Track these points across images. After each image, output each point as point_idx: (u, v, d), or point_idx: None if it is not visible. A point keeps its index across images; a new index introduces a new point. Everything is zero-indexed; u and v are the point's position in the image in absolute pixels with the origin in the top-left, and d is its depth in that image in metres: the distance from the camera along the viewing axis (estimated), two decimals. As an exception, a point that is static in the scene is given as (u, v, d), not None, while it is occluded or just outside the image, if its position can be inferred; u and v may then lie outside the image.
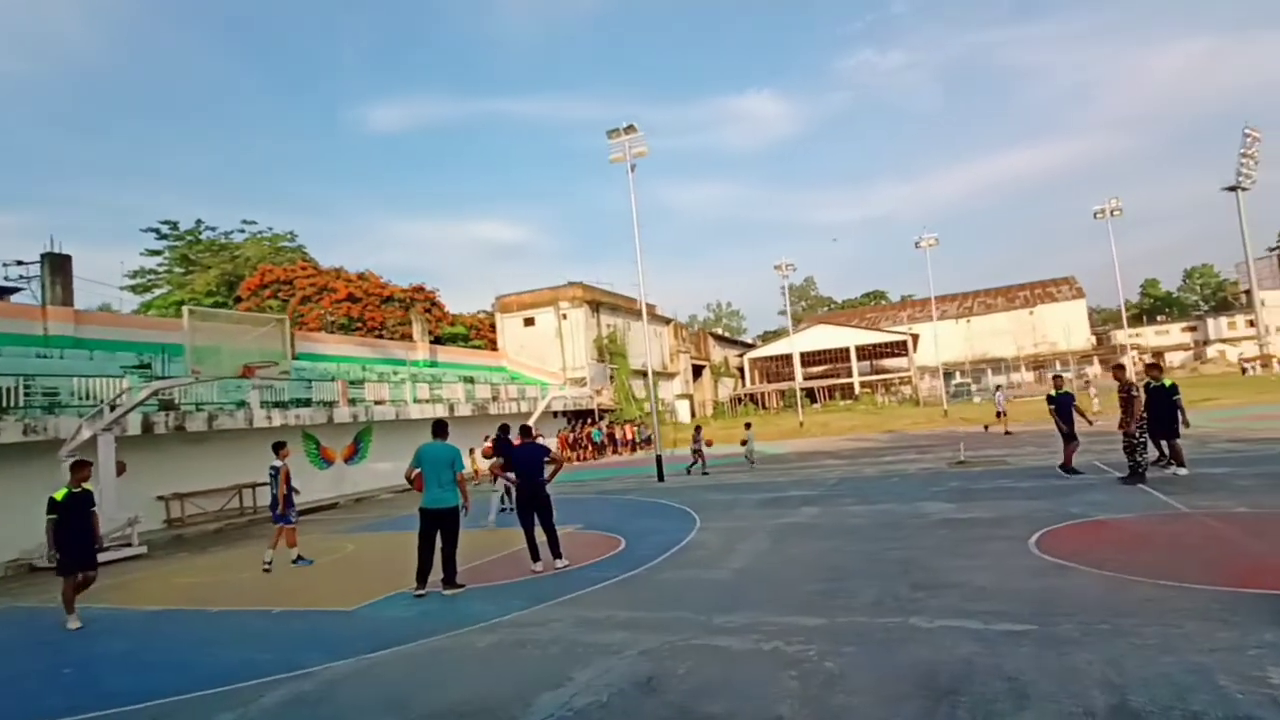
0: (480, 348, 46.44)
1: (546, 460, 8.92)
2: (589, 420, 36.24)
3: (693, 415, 50.97)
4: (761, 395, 63.50)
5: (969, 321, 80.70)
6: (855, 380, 63.78)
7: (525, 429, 9.35)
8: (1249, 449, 13.88)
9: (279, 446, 11.21)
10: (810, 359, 64.80)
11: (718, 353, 65.92)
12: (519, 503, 8.85)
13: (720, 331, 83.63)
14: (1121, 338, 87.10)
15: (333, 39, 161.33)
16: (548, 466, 8.94)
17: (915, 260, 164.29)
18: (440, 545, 8.10)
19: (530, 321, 41.15)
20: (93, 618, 8.71)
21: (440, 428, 8.66)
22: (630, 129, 19.38)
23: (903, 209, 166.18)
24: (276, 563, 10.76)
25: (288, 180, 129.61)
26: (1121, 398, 11.66)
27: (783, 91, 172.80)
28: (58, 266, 19.51)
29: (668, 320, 50.93)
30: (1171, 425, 11.66)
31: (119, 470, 13.79)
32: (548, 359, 39.62)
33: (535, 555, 8.82)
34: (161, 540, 15.47)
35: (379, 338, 40.48)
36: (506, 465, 10.84)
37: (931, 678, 4.37)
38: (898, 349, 67.97)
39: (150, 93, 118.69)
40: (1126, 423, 11.42)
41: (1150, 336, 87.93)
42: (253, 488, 18.93)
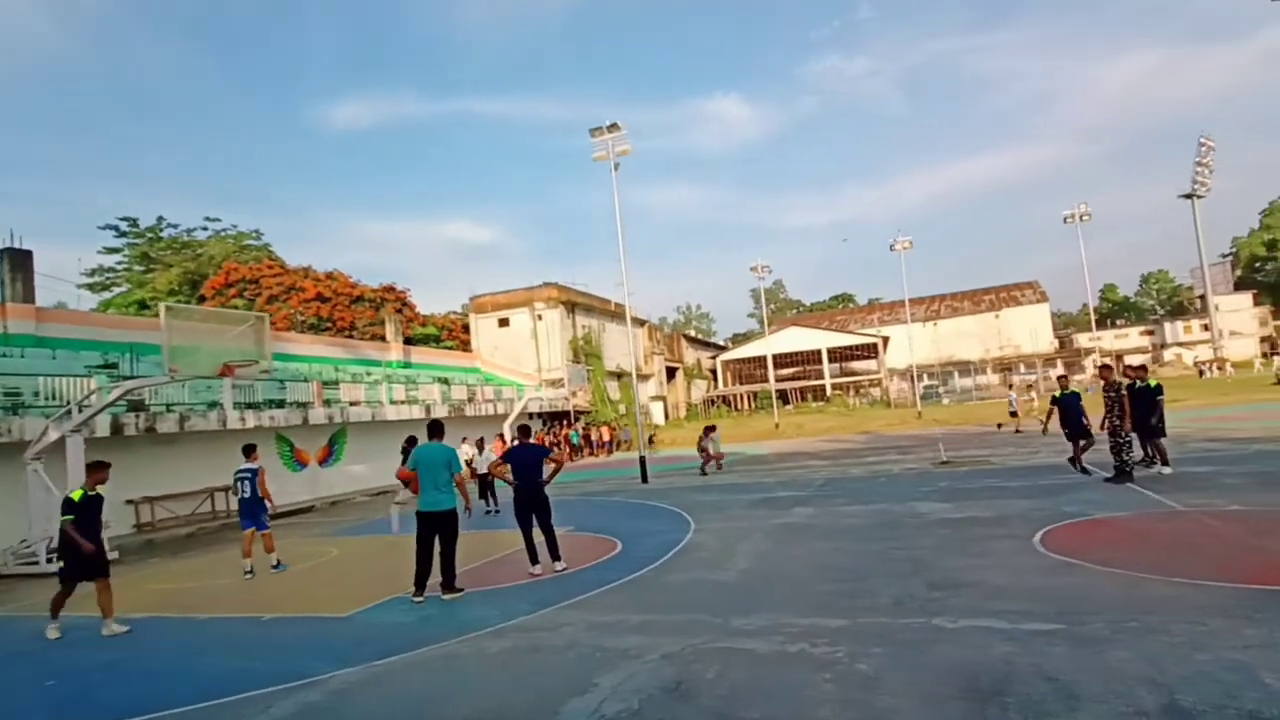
0: (452, 349, 45.83)
1: (546, 460, 8.75)
2: (565, 422, 35.96)
3: (666, 417, 50.89)
4: (734, 397, 63.71)
5: (936, 324, 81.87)
6: (827, 382, 64.31)
7: (524, 429, 9.16)
8: (1227, 448, 14.20)
9: (250, 449, 10.86)
10: (782, 361, 65.17)
11: (690, 354, 65.98)
12: (517, 504, 8.64)
13: (692, 333, 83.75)
14: (1084, 341, 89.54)
15: (297, 36, 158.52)
16: (547, 467, 8.77)
17: (882, 264, 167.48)
18: (439, 549, 7.88)
19: (505, 322, 40.69)
20: (69, 626, 8.27)
21: (436, 428, 8.42)
22: (614, 127, 19.21)
23: (870, 213, 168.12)
24: (258, 568, 10.41)
25: (250, 179, 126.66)
26: (1108, 397, 11.85)
27: (751, 95, 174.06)
28: (18, 262, 18.71)
29: (642, 322, 50.80)
30: (1155, 425, 11.88)
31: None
32: (523, 360, 39.23)
33: (534, 558, 8.63)
34: (132, 545, 14.91)
35: (349, 338, 39.71)
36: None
37: (972, 679, 4.31)
38: (868, 351, 68.76)
39: (107, 87, 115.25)
40: (1113, 422, 11.62)
41: (1110, 340, 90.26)
42: (225, 491, 18.35)
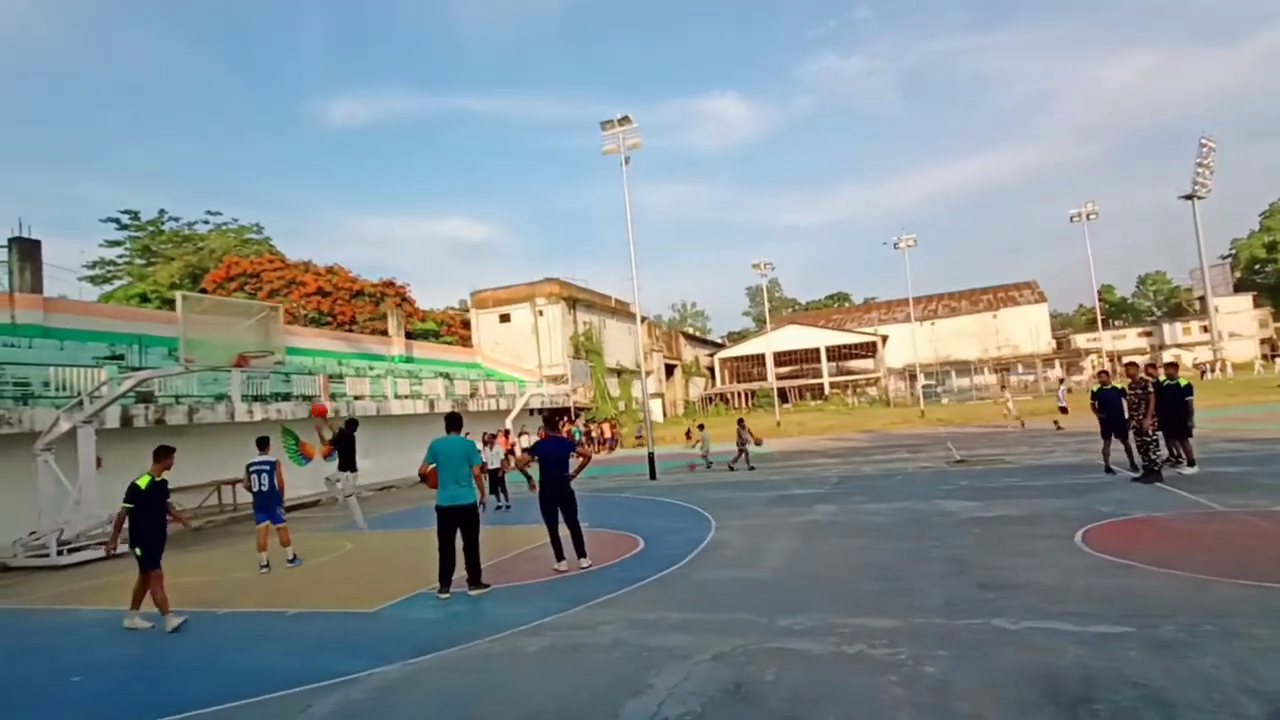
0: (452, 344, 45.60)
1: (572, 454, 8.56)
2: (566, 418, 35.76)
3: (665, 415, 50.72)
4: (731, 395, 63.60)
5: (934, 324, 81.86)
6: (825, 381, 64.24)
7: (550, 421, 8.96)
8: (1252, 449, 14.05)
9: (265, 442, 10.67)
10: (780, 359, 65.09)
11: (688, 352, 65.82)
12: (542, 499, 8.46)
13: (691, 331, 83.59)
14: (1081, 341, 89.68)
15: (293, 31, 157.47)
16: (573, 460, 8.58)
17: (877, 263, 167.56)
18: (462, 544, 7.70)
19: (506, 318, 40.44)
20: (86, 620, 8.11)
21: (454, 421, 8.20)
22: (624, 120, 18.96)
23: (864, 212, 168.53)
24: (273, 562, 10.23)
25: (246, 174, 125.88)
26: (1135, 395, 11.72)
27: (748, 95, 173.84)
28: (26, 252, 18.39)
29: (643, 319, 50.61)
30: (1183, 424, 11.74)
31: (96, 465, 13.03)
32: (523, 356, 39.00)
33: (559, 554, 8.45)
34: (137, 539, 14.66)
35: (349, 332, 39.45)
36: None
37: (1053, 684, 4.14)
38: (865, 350, 68.72)
39: (104, 82, 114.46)
40: (1139, 420, 11.49)
41: (1108, 341, 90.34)
42: (232, 484, 18.12)
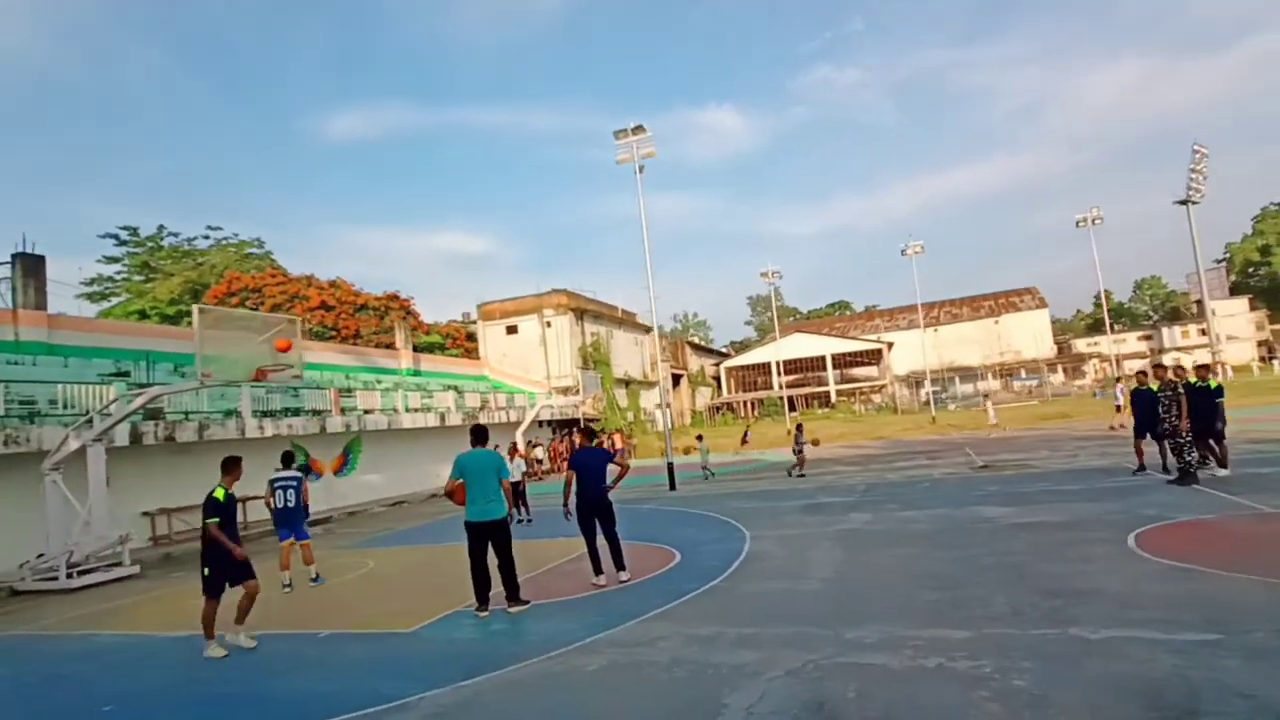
0: (457, 356, 45.37)
1: (611, 464, 8.34)
2: (575, 430, 35.50)
3: (672, 425, 50.42)
4: (738, 404, 63.37)
5: (936, 330, 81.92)
6: (832, 389, 64.07)
7: (588, 431, 8.74)
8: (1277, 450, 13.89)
9: (290, 457, 10.46)
10: (785, 368, 64.97)
11: (694, 362, 65.64)
12: (580, 512, 8.23)
13: (697, 341, 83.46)
14: (1081, 346, 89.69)
15: (289, 47, 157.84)
16: (611, 471, 8.37)
17: (876, 271, 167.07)
18: (496, 561, 7.46)
19: (513, 329, 40.26)
20: (108, 646, 7.85)
21: (481, 434, 7.97)
22: (639, 129, 18.87)
23: (861, 221, 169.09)
24: (296, 581, 9.99)
25: (245, 190, 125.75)
26: (1166, 397, 11.56)
27: (743, 106, 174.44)
28: (30, 268, 18.20)
29: (648, 329, 50.42)
30: (1211, 426, 11.56)
31: None
32: (531, 367, 38.79)
33: (598, 568, 8.22)
34: (150, 559, 14.39)
35: (355, 346, 39.22)
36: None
37: (1155, 696, 3.93)
38: (869, 358, 68.62)
39: (101, 99, 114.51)
40: (1171, 422, 11.33)
41: (1107, 345, 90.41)
42: (243, 502, 17.83)
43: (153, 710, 5.60)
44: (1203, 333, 79.65)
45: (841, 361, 67.83)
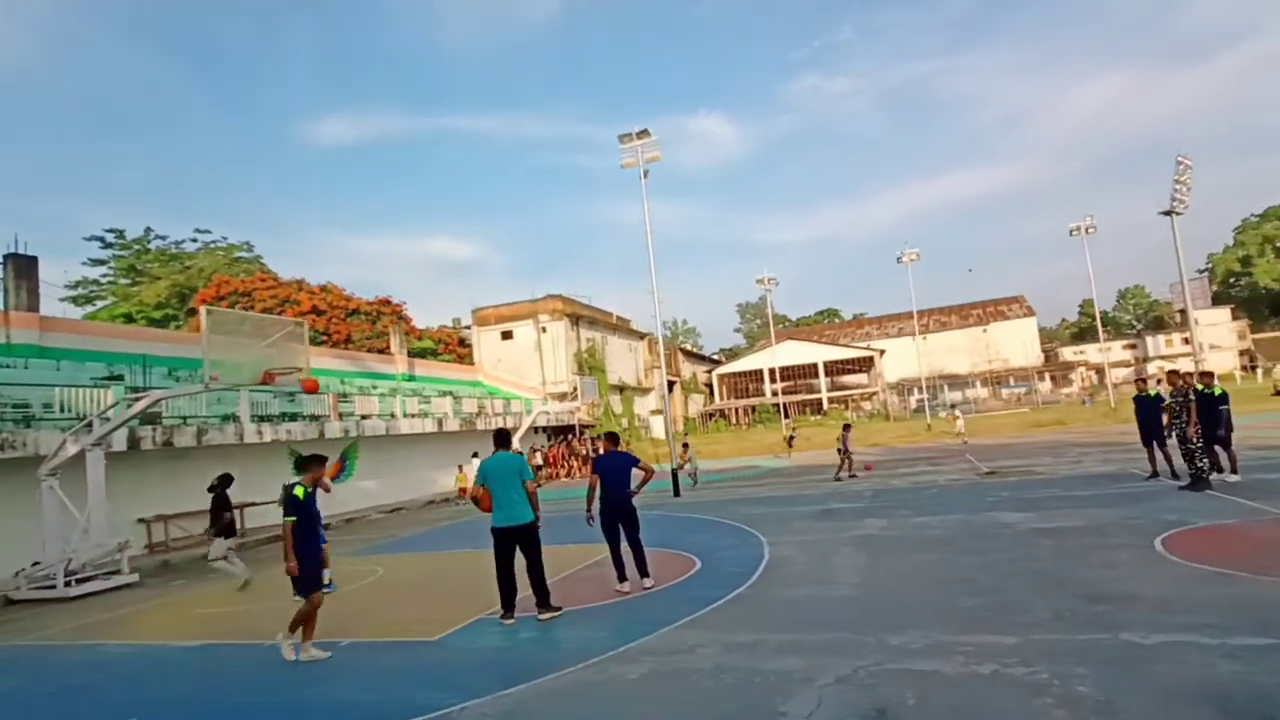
0: (450, 361, 45.09)
1: (636, 468, 8.24)
2: (571, 436, 35.35)
3: (667, 432, 50.31)
4: (730, 411, 63.41)
5: (926, 339, 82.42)
6: (824, 396, 64.25)
7: (612, 436, 8.63)
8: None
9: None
10: (777, 375, 65.11)
11: (686, 369, 65.62)
12: (603, 517, 8.13)
13: (689, 347, 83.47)
14: (1068, 354, 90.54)
15: (280, 49, 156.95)
16: (635, 476, 8.27)
17: (864, 279, 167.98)
18: (526, 566, 7.33)
19: (508, 335, 40.06)
20: (118, 656, 7.63)
21: (503, 437, 7.84)
22: (644, 134, 18.83)
23: (848, 230, 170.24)
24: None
25: (231, 192, 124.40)
26: (1177, 403, 11.62)
27: (732, 114, 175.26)
28: (22, 269, 17.85)
29: (643, 335, 50.41)
30: (1215, 432, 11.61)
31: None
32: (526, 373, 38.59)
33: (621, 574, 8.11)
34: (147, 567, 14.09)
35: (347, 350, 38.89)
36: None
37: (1225, 702, 3.88)
38: (859, 365, 68.90)
39: (89, 103, 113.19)
40: (1181, 428, 11.39)
41: (1094, 354, 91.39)
42: (241, 509, 17.54)
43: (181, 721, 5.44)
44: (1186, 341, 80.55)
45: (832, 369, 68.07)
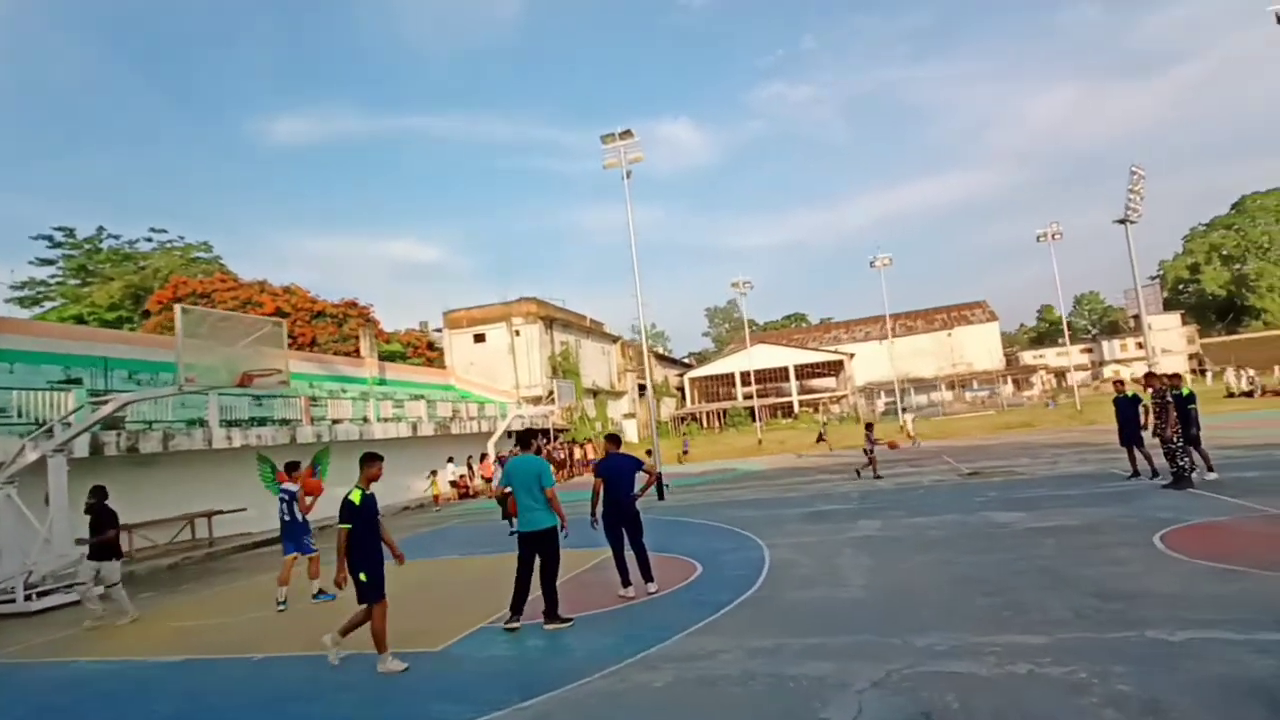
0: (420, 365, 44.37)
1: (639, 471, 8.09)
2: (545, 439, 34.99)
3: (639, 435, 50.16)
4: (702, 415, 63.52)
5: (893, 343, 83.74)
6: (794, 399, 64.73)
7: (613, 438, 8.45)
8: (1249, 455, 14.32)
9: (293, 466, 9.94)
10: (748, 379, 65.46)
11: (659, 372, 65.56)
12: (606, 521, 7.96)
13: (661, 351, 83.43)
14: (1029, 358, 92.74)
15: (235, 46, 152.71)
16: (639, 478, 8.12)
17: (829, 284, 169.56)
18: (540, 573, 7.12)
19: (481, 338, 39.51)
20: (92, 674, 7.21)
21: (524, 438, 7.73)
22: (626, 134, 18.68)
23: (814, 235, 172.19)
24: (292, 598, 9.46)
25: (184, 192, 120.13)
26: (1156, 405, 11.87)
27: (699, 120, 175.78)
28: (-24, 267, 17.03)
29: (615, 339, 50.21)
30: (1187, 432, 11.84)
31: None
32: (499, 377, 38.10)
33: (625, 579, 7.96)
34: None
35: (315, 353, 37.99)
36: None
37: (1269, 695, 3.89)
38: (829, 369, 69.60)
39: (28, 94, 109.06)
40: (1162, 429, 11.62)
41: (1052, 358, 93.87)
42: (207, 517, 16.94)
43: (176, 742, 5.12)
44: (1140, 346, 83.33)
45: (801, 372, 68.64)
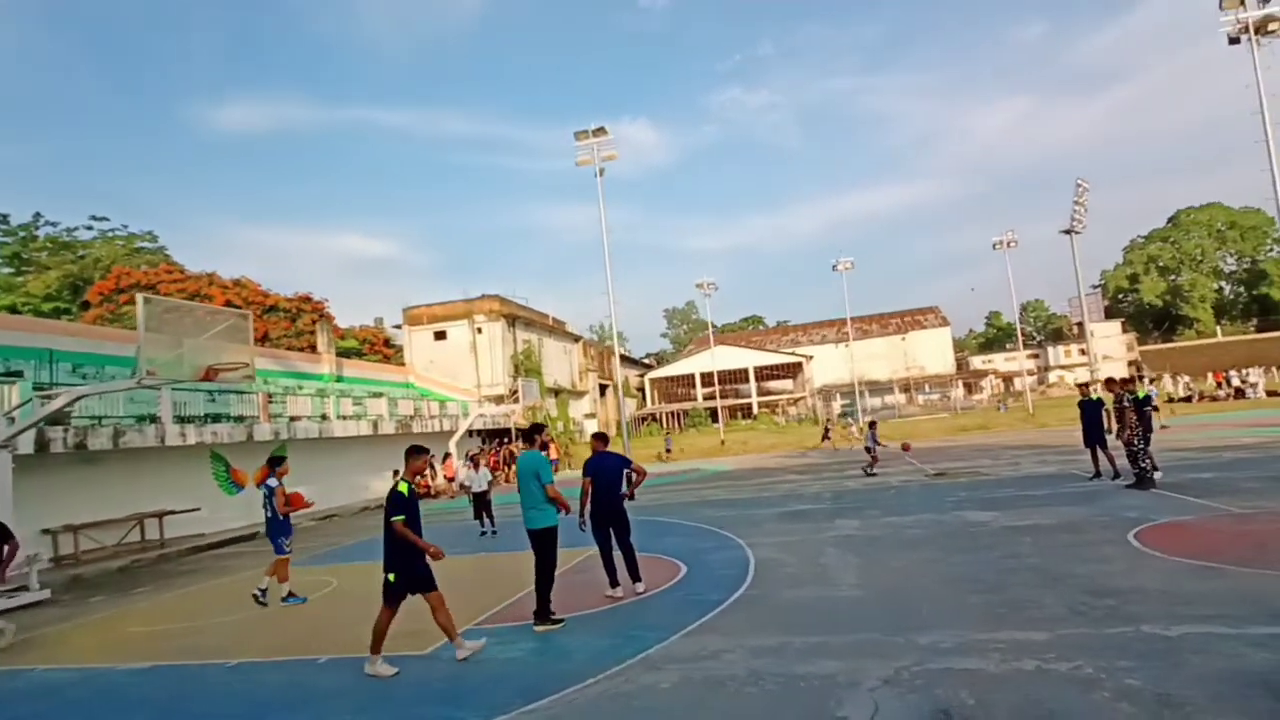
0: (376, 362, 43.43)
1: (627, 471, 7.98)
2: (506, 439, 34.59)
3: (625, 435, 49.98)
4: (662, 415, 63.64)
5: (848, 346, 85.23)
6: (754, 400, 65.32)
7: (601, 436, 8.32)
8: (1199, 457, 14.87)
9: (273, 462, 9.63)
10: (708, 380, 65.81)
11: (619, 372, 65.39)
12: (594, 520, 7.83)
13: (623, 351, 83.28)
14: (978, 363, 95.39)
15: (173, 30, 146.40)
16: (626, 478, 8.01)
17: (783, 287, 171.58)
18: (535, 573, 6.97)
19: (441, 335, 38.82)
20: (55, 683, 6.79)
21: (528, 433, 7.64)
22: (600, 131, 18.51)
23: (769, 239, 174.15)
24: (269, 600, 9.22)
25: (120, 178, 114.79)
26: (1118, 409, 12.26)
27: (657, 121, 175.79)
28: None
29: (577, 338, 49.91)
30: (1145, 433, 12.25)
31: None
32: (460, 375, 37.49)
33: (614, 579, 7.85)
34: (56, 582, 12.76)
35: (269, 348, 36.82)
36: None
37: (1275, 687, 3.97)
38: (786, 371, 70.48)
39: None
40: (1123, 432, 11.99)
41: (1001, 363, 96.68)
42: (158, 517, 16.23)
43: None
44: (1083, 352, 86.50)
45: (760, 374, 69.33)
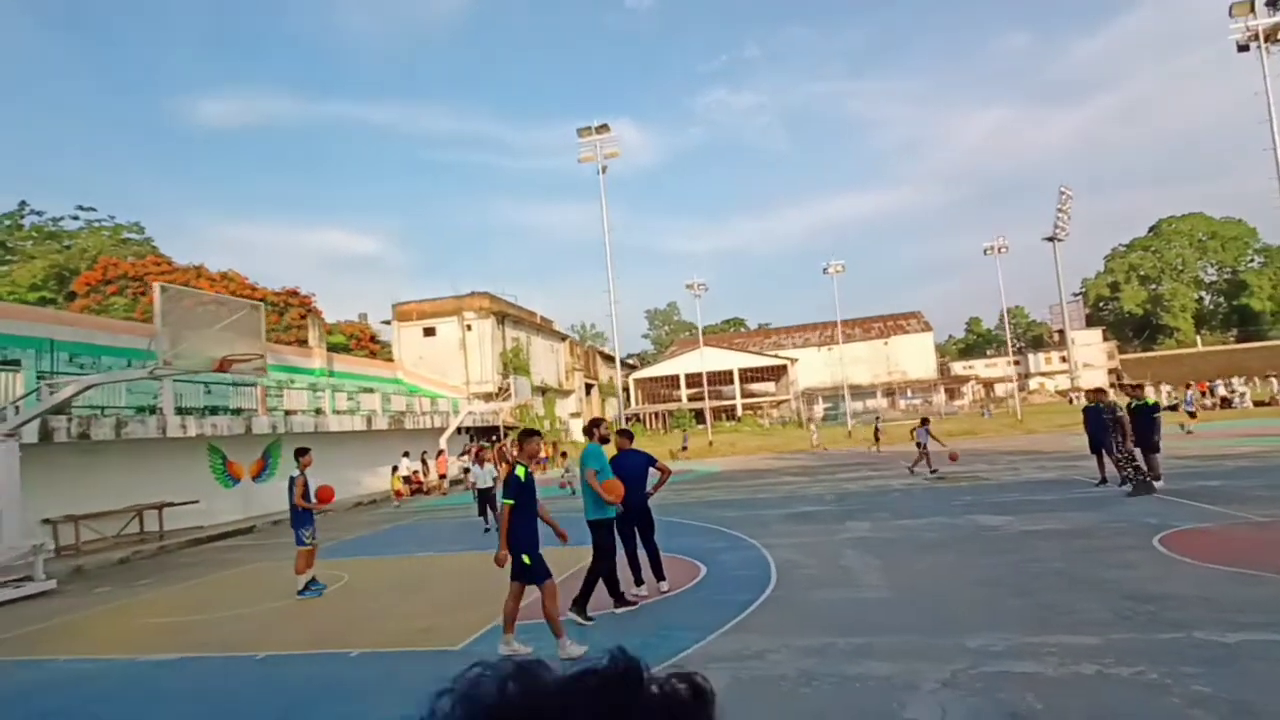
0: (363, 357, 43.02)
1: (652, 468, 7.96)
2: (495, 438, 34.38)
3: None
4: (646, 416, 63.64)
5: (831, 349, 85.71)
6: (738, 402, 65.48)
7: (626, 433, 8.29)
8: (1202, 465, 15.06)
9: (301, 452, 9.54)
10: (692, 381, 65.87)
11: (603, 373, 65.33)
12: (619, 519, 7.79)
13: (604, 351, 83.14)
14: (959, 369, 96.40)
15: (157, 22, 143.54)
16: (652, 476, 7.99)
17: (765, 290, 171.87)
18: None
19: (431, 331, 38.51)
20: (79, 674, 6.64)
21: (590, 427, 7.64)
22: (603, 128, 18.45)
23: (754, 242, 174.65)
24: (289, 590, 9.16)
25: (106, 170, 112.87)
26: (1107, 419, 12.41)
27: (641, 122, 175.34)
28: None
29: (564, 337, 49.76)
30: (1151, 440, 12.42)
31: None
32: (449, 371, 37.21)
33: (639, 578, 7.83)
34: (58, 573, 12.45)
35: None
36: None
37: (1348, 696, 4.03)
38: (770, 373, 70.75)
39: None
40: (1120, 441, 12.14)
41: (981, 368, 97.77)
42: (157, 509, 15.95)
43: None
44: (1064, 359, 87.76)
45: (743, 376, 69.49)
